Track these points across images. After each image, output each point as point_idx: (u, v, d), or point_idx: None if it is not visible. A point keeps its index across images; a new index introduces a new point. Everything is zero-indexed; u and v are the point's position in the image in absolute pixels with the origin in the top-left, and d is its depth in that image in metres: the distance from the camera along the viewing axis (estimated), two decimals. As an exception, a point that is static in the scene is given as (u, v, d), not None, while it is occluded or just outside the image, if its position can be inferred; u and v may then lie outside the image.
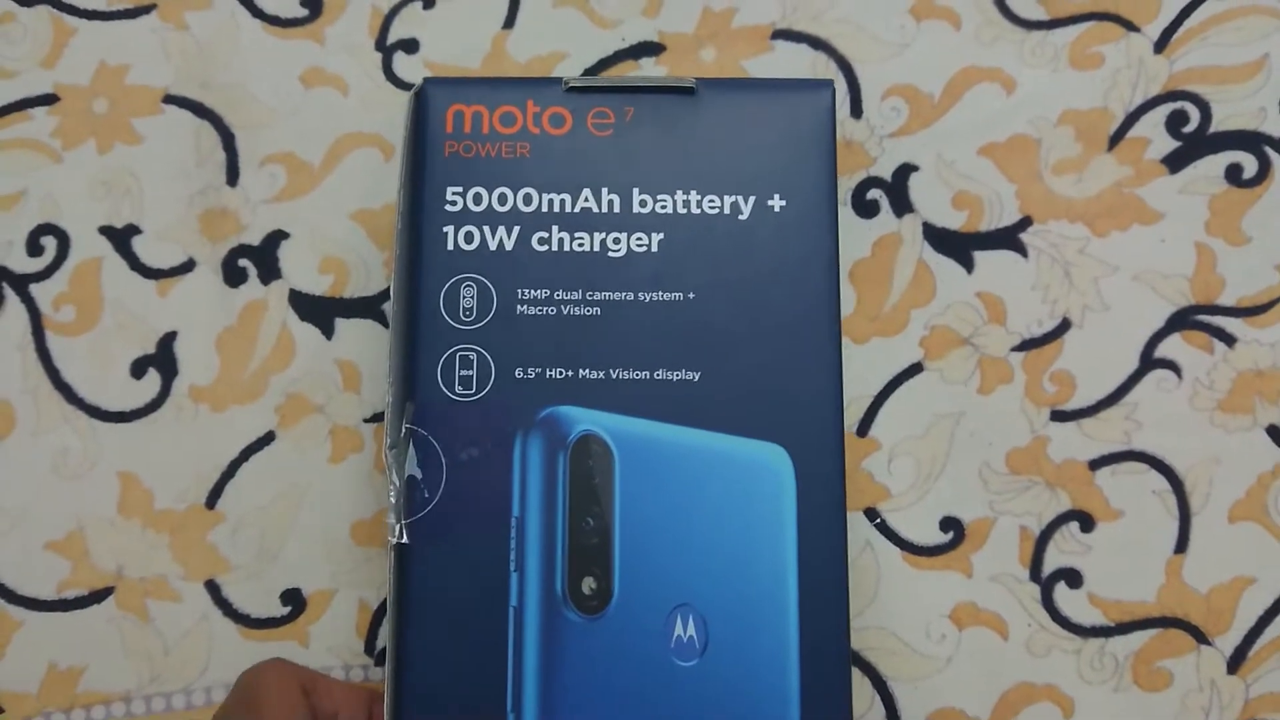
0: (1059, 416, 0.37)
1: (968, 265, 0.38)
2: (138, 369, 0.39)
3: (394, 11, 0.41)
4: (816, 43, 0.40)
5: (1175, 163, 0.39)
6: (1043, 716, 0.36)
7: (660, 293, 0.32)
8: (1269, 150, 0.38)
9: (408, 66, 0.40)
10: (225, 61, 0.40)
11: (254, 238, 0.39)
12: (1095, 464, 0.37)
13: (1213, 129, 0.39)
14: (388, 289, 0.39)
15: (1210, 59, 0.39)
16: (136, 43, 0.41)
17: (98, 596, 0.37)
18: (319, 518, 0.38)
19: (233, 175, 0.40)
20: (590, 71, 0.40)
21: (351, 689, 0.32)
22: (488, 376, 0.32)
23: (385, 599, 0.37)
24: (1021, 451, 0.37)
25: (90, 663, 0.37)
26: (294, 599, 0.37)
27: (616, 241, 0.33)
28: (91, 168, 0.40)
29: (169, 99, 0.40)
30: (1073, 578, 0.37)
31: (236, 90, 0.40)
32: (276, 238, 0.39)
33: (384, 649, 0.37)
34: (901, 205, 0.39)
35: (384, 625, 0.35)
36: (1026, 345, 0.38)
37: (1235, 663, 0.36)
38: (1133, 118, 0.39)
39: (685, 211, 0.33)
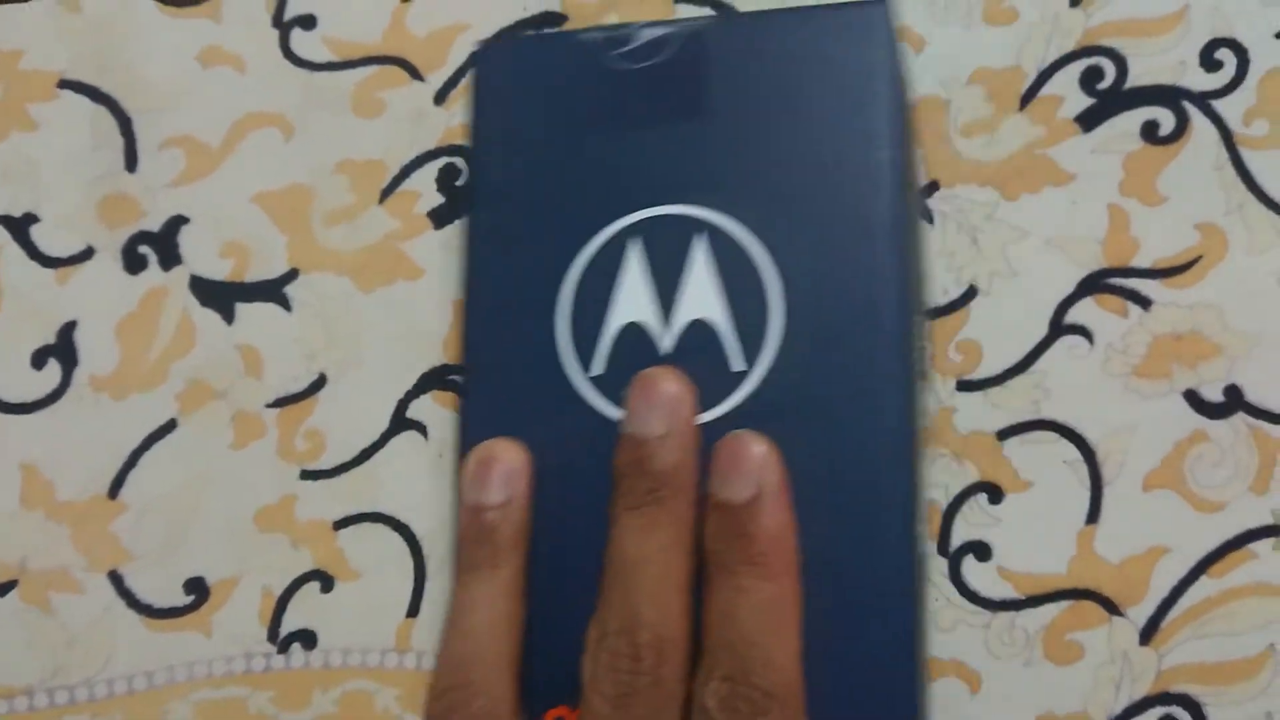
0: (965, 386, 0.36)
1: (872, 233, 0.37)
2: (38, 359, 0.38)
3: (289, -13, 0.40)
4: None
5: (1089, 121, 0.37)
6: (948, 691, 0.35)
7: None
8: (1187, 104, 0.37)
9: (305, 43, 0.40)
10: (120, 43, 0.40)
11: (154, 224, 0.39)
12: (1003, 434, 0.36)
13: (1129, 84, 0.37)
14: (290, 271, 0.38)
15: (1128, 11, 0.38)
16: (30, 27, 0.40)
17: (1, 590, 0.37)
18: (222, 505, 0.38)
19: (131, 160, 0.39)
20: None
21: None
22: None
23: (288, 586, 0.37)
24: (928, 423, 0.36)
25: (-5, 656, 0.37)
26: (197, 587, 0.37)
27: None
28: (-12, 156, 0.39)
29: (64, 84, 0.40)
30: (981, 550, 0.36)
31: (133, 72, 0.40)
32: (177, 223, 0.39)
33: (286, 636, 0.37)
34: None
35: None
36: (932, 314, 0.37)
37: (1148, 634, 0.35)
38: (1045, 75, 0.38)
39: None
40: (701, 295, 0.32)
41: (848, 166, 0.32)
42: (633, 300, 0.32)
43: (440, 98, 0.39)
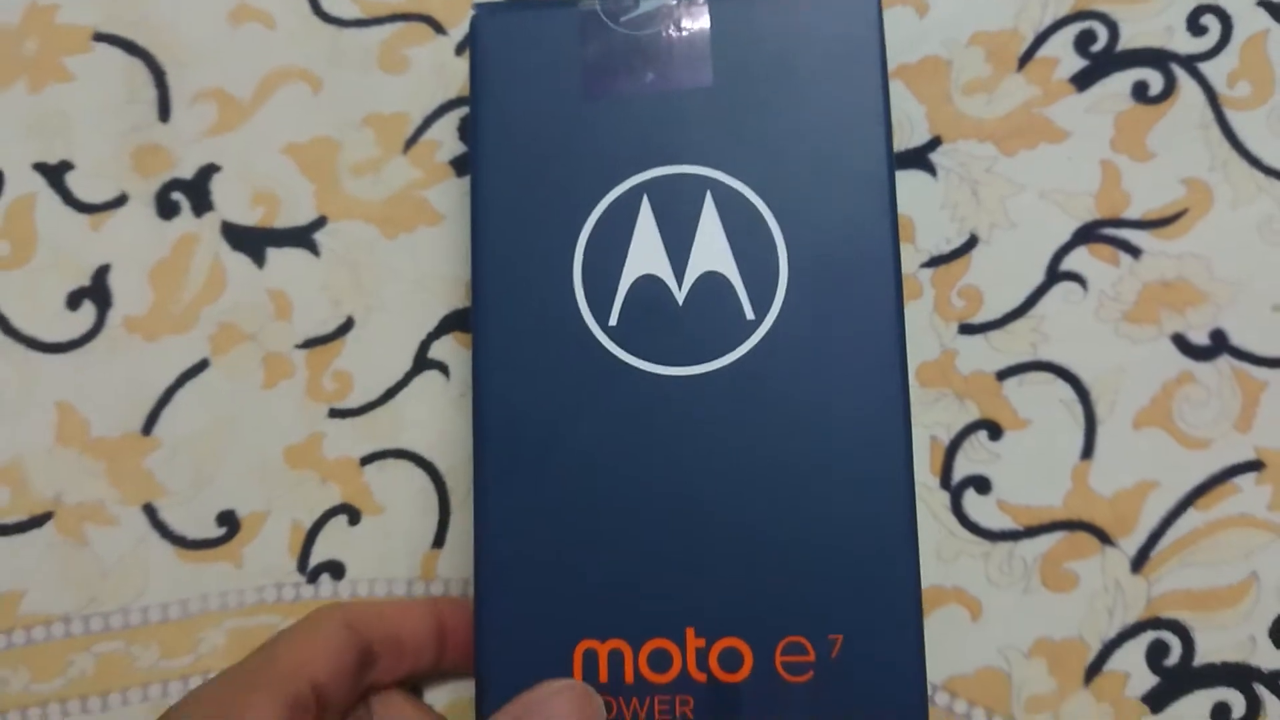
0: (967, 330, 0.38)
1: (878, 184, 0.39)
2: (73, 301, 0.40)
3: (317, -53, 0.41)
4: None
5: (1082, 81, 0.39)
6: (950, 618, 0.37)
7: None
8: (1175, 67, 0.39)
9: (334, 0, 0.41)
10: (154, 0, 0.41)
11: (186, 172, 0.40)
12: (1003, 375, 0.38)
13: (1120, 47, 0.40)
14: (318, 219, 0.40)
15: (1119, -20, 0.40)
16: (65, -18, 0.41)
17: (36, 522, 0.38)
18: (252, 442, 0.39)
19: (164, 111, 0.41)
20: None
21: (408, 604, 0.34)
22: None
23: (316, 520, 0.38)
24: (931, 365, 0.38)
25: (30, 587, 0.38)
26: (228, 521, 0.38)
27: None
28: (23, 107, 0.41)
29: (99, 37, 0.41)
30: (982, 484, 0.38)
31: (166, 28, 0.41)
32: (208, 171, 0.40)
33: (315, 567, 0.38)
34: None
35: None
36: (935, 262, 0.39)
37: (1139, 563, 0.37)
38: (1042, 38, 0.40)
39: None
40: (713, 248, 0.34)
41: (843, 131, 0.34)
42: (646, 254, 0.34)
43: (461, 49, 0.41)
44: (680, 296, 0.34)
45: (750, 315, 0.33)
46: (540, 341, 0.34)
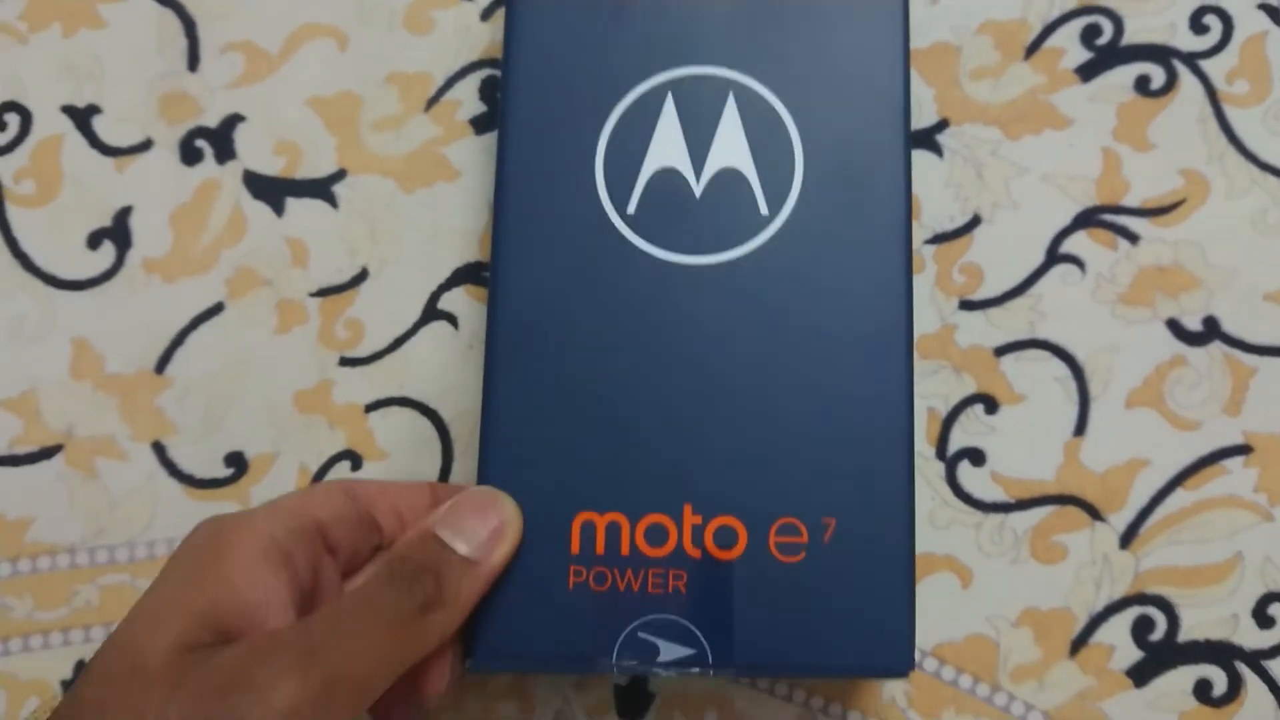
0: (967, 305, 0.39)
1: (887, 160, 0.40)
2: (94, 240, 0.40)
3: (351, -90, 0.42)
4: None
5: (1087, 72, 0.41)
6: (942, 584, 0.38)
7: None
8: (1176, 63, 0.41)
9: (363, -37, 0.42)
10: (187, -46, 0.42)
11: (211, 120, 0.41)
12: (1000, 350, 0.39)
13: (1125, 41, 0.41)
14: (338, 171, 0.41)
15: (1126, -23, 0.41)
16: (102, -68, 0.42)
17: (47, 453, 0.39)
18: (263, 386, 0.40)
19: (193, 61, 0.42)
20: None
21: (406, 483, 0.34)
22: None
23: (322, 464, 0.39)
24: (931, 337, 0.39)
25: (38, 515, 0.39)
26: (237, 461, 0.39)
27: None
28: (56, 50, 0.42)
29: (132, -13, 0.42)
30: (976, 456, 0.39)
31: (198, -18, 0.42)
32: (233, 121, 0.41)
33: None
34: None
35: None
36: (938, 239, 0.40)
37: (1127, 539, 0.38)
38: (1049, 29, 0.41)
39: None
40: (731, 145, 0.35)
41: (864, 45, 0.35)
42: (667, 147, 0.35)
43: (486, 15, 0.42)
44: (698, 190, 0.35)
45: (764, 211, 0.34)
46: (558, 225, 0.35)
